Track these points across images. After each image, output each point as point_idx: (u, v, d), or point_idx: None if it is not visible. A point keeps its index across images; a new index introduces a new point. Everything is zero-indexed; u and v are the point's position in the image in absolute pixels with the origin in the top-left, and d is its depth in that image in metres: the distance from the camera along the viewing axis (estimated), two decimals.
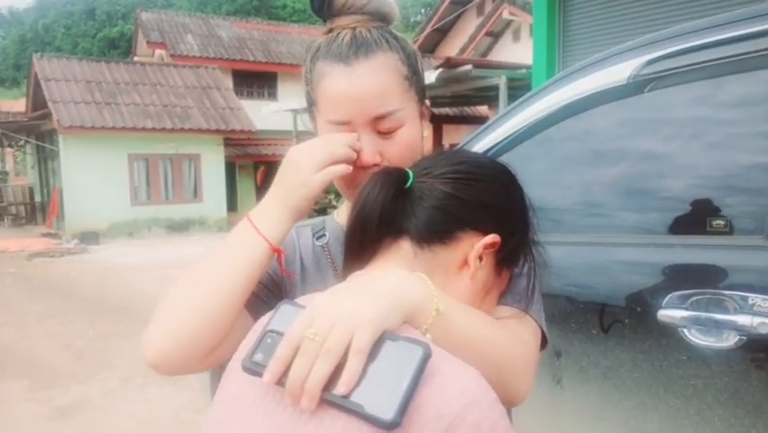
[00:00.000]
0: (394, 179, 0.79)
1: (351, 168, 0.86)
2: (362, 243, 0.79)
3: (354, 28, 0.89)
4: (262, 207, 0.88)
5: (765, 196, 1.49)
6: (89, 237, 14.02)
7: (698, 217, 1.62)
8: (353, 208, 0.80)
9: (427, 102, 0.98)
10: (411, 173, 0.80)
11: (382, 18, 0.92)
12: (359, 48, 0.87)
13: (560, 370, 1.76)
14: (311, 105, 0.95)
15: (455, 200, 0.77)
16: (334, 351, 0.62)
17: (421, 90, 0.95)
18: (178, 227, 15.99)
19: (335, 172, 0.85)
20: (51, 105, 14.16)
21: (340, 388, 0.61)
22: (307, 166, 0.85)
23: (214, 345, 0.84)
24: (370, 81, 0.86)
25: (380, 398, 0.59)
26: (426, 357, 0.61)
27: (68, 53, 25.66)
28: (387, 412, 0.58)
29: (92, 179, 14.51)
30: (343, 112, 0.87)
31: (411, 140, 0.90)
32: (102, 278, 9.53)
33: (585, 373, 1.71)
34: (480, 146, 2.01)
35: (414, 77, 0.92)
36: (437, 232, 0.77)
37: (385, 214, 0.77)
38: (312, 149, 0.86)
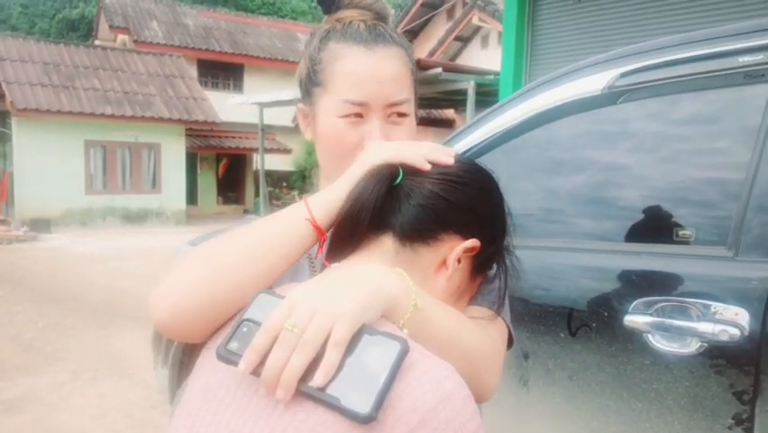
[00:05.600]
0: (387, 175, 0.79)
1: (428, 166, 0.81)
2: (352, 236, 0.79)
3: (364, 20, 0.93)
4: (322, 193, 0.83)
5: (728, 208, 1.55)
6: (40, 225, 13.59)
7: (665, 227, 1.67)
8: (346, 202, 0.80)
9: None
10: (401, 171, 0.80)
11: (383, 18, 0.96)
12: (378, 36, 0.91)
13: (527, 371, 1.79)
14: (314, 86, 0.95)
15: (442, 201, 0.78)
16: (313, 343, 0.62)
17: (416, 90, 0.99)
18: (135, 218, 15.63)
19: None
20: (5, 86, 13.68)
21: (317, 380, 0.61)
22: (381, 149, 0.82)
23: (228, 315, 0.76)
24: (389, 67, 0.90)
25: (357, 391, 0.59)
26: (404, 353, 0.61)
27: (25, 33, 24.79)
28: (363, 406, 0.58)
29: (45, 164, 14.07)
30: (364, 92, 0.89)
31: (413, 131, 0.94)
32: (53, 267, 9.25)
33: (551, 375, 1.74)
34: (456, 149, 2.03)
35: (414, 75, 0.96)
36: (421, 231, 0.77)
37: (377, 210, 0.77)
38: (392, 144, 0.83)
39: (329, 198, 0.81)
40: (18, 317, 6.17)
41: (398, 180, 0.79)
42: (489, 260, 0.85)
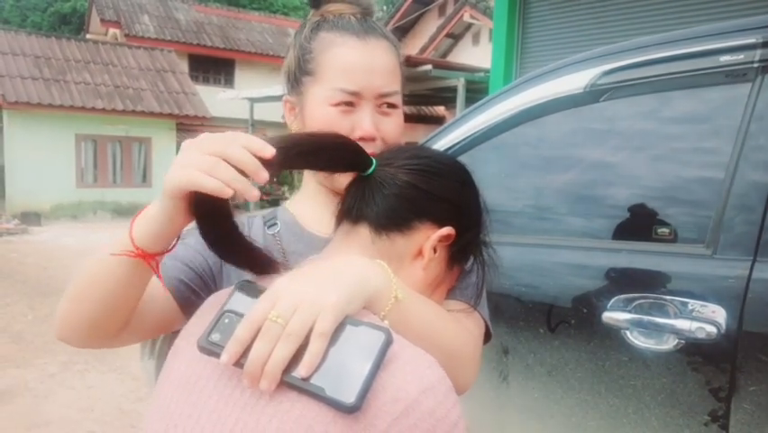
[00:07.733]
0: (356, 164, 0.80)
1: (230, 193, 0.65)
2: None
3: (354, 14, 0.94)
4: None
5: (707, 207, 1.56)
6: (31, 218, 13.49)
7: (645, 225, 1.68)
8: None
9: None
10: (374, 160, 0.81)
11: (369, 13, 0.97)
12: (369, 28, 0.93)
13: (506, 367, 1.80)
14: (304, 75, 0.95)
15: (416, 190, 0.79)
16: (297, 334, 0.62)
17: (403, 87, 1.01)
18: (125, 212, 15.53)
19: (205, 185, 0.65)
20: None
21: (301, 370, 0.61)
22: (187, 157, 0.68)
23: (115, 331, 0.84)
24: (382, 58, 0.92)
25: (341, 382, 0.60)
26: (388, 343, 0.62)
27: (17, 26, 24.54)
28: (348, 396, 0.59)
29: (36, 157, 13.97)
30: (356, 81, 0.90)
31: (401, 123, 0.96)
32: (43, 260, 9.19)
33: (531, 371, 1.76)
34: (437, 147, 2.04)
35: (402, 70, 0.99)
36: (396, 219, 0.78)
37: (349, 202, 0.79)
38: (210, 140, 0.68)
39: (145, 220, 0.74)
40: (8, 309, 6.13)
41: (371, 170, 0.80)
42: (465, 250, 0.86)
